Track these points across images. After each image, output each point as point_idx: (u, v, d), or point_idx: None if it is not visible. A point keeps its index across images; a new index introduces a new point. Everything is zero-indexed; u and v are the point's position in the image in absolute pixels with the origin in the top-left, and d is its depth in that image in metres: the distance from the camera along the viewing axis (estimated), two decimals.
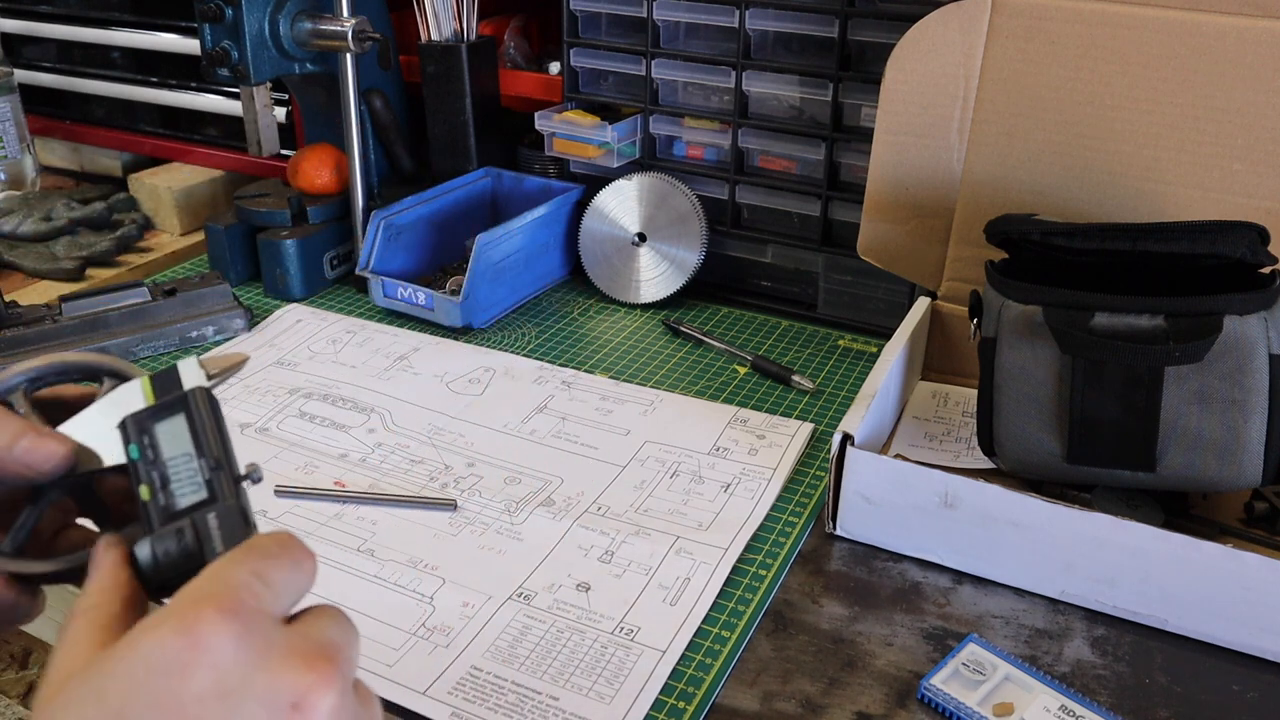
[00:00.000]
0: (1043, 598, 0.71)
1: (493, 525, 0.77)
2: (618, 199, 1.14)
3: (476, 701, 0.61)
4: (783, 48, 1.07)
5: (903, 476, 0.72)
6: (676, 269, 1.12)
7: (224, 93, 1.35)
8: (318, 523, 0.77)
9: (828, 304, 1.11)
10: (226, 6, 1.01)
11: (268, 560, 0.36)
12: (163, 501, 0.38)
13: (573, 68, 1.16)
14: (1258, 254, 0.71)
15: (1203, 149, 0.81)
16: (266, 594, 0.35)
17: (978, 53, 0.87)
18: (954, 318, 0.94)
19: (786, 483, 0.83)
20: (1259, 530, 0.75)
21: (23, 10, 1.46)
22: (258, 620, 0.34)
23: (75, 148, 1.51)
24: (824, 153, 1.05)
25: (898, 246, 0.96)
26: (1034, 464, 0.75)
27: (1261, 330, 0.68)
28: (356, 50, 1.06)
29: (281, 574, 0.36)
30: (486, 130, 1.21)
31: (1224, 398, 0.68)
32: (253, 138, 1.10)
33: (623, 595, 0.70)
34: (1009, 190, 0.89)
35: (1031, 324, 0.73)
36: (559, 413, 0.92)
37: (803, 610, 0.70)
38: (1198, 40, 0.79)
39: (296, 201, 1.14)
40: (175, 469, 0.38)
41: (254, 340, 1.04)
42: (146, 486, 0.38)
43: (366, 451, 0.86)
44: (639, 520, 0.78)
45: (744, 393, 0.96)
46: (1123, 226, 0.73)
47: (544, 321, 1.10)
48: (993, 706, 0.61)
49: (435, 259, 1.17)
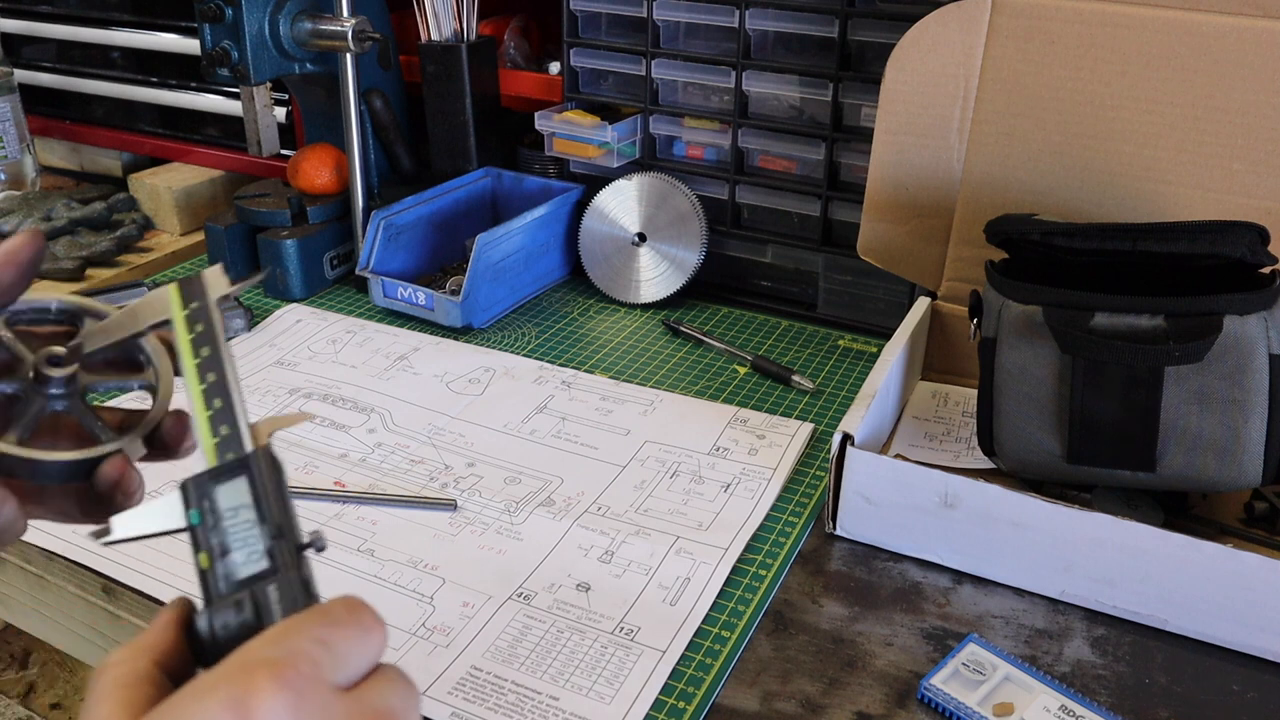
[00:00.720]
0: (1043, 598, 0.71)
1: (493, 525, 0.77)
2: (618, 199, 1.14)
3: (476, 701, 0.61)
4: (783, 48, 1.07)
5: (903, 476, 0.72)
6: (676, 269, 1.12)
7: (224, 93, 1.35)
8: (318, 523, 0.77)
9: (828, 304, 1.11)
10: (226, 6, 1.01)
11: (334, 628, 0.34)
12: (222, 571, 0.36)
13: (573, 68, 1.16)
14: (1258, 254, 0.71)
15: (1203, 149, 0.81)
16: (328, 662, 0.33)
17: (978, 53, 0.87)
18: (954, 318, 0.94)
19: (786, 483, 0.83)
20: (1259, 530, 0.75)
21: (23, 10, 1.46)
22: (315, 690, 0.32)
23: (75, 148, 1.51)
24: (824, 153, 1.05)
25: (898, 246, 0.96)
26: (1034, 464, 0.75)
27: (1261, 330, 0.68)
28: (356, 50, 1.06)
29: (347, 642, 0.34)
30: (486, 130, 1.21)
31: (1224, 398, 0.68)
32: (253, 138, 1.10)
33: (623, 595, 0.70)
34: (1009, 190, 0.89)
35: (1031, 324, 0.73)
36: (559, 413, 0.92)
37: (803, 610, 0.70)
38: (1198, 40, 0.79)
39: (296, 201, 1.14)
40: (236, 536, 0.37)
41: (254, 340, 1.04)
42: (205, 555, 0.37)
43: (366, 451, 0.86)
44: (639, 520, 0.78)
45: (744, 393, 0.96)
46: (1123, 226, 0.73)
47: (544, 321, 1.10)
48: (993, 706, 0.61)
49: (435, 259, 1.17)
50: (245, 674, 0.31)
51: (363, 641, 0.35)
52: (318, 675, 0.32)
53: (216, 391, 0.40)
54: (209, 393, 0.40)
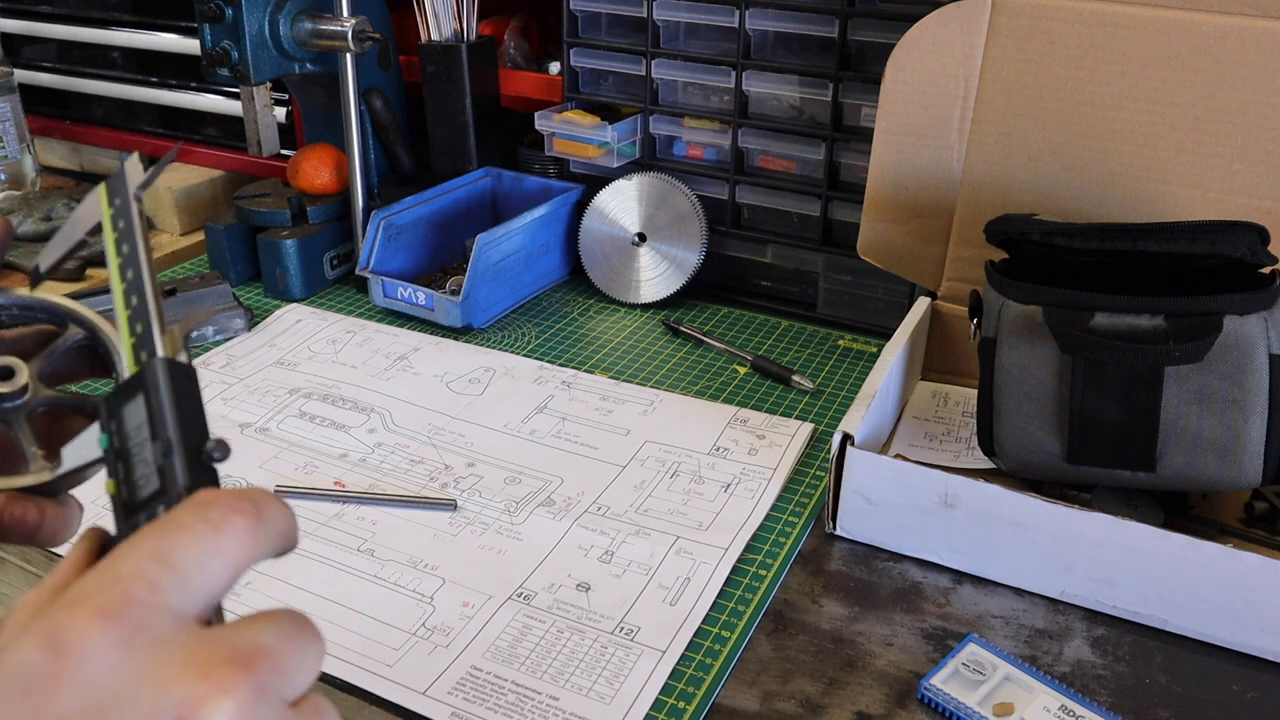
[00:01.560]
0: (1043, 598, 0.71)
1: (493, 525, 0.77)
2: (618, 199, 1.14)
3: (476, 701, 0.61)
4: (783, 48, 1.07)
5: (903, 476, 0.72)
6: (676, 269, 1.12)
7: (224, 93, 1.35)
8: (318, 523, 0.77)
9: (828, 304, 1.11)
10: (226, 6, 1.01)
11: (176, 535, 0.29)
12: (126, 495, 0.34)
13: (573, 68, 1.16)
14: (1258, 254, 0.71)
15: (1203, 149, 0.81)
16: (167, 580, 0.28)
17: (978, 53, 0.87)
18: (954, 318, 0.94)
19: (786, 483, 0.83)
20: (1259, 530, 0.75)
21: (23, 10, 1.46)
22: (149, 620, 0.27)
23: (75, 148, 1.51)
24: (824, 153, 1.05)
25: (898, 246, 0.96)
26: (1034, 464, 0.75)
27: (1261, 330, 0.68)
28: (356, 50, 1.06)
29: (192, 551, 0.28)
30: (486, 130, 1.21)
31: (1224, 398, 0.68)
32: (253, 138, 1.10)
33: (623, 595, 0.70)
34: (1009, 190, 0.89)
35: (1031, 324, 0.72)
36: (559, 413, 0.92)
37: (803, 610, 0.70)
38: (1198, 40, 0.79)
39: (296, 201, 1.14)
40: (138, 457, 0.34)
41: (254, 340, 1.04)
42: (112, 480, 0.34)
43: (366, 451, 0.86)
44: (639, 520, 0.78)
45: (744, 393, 0.96)
46: (1123, 226, 0.73)
47: (544, 321, 1.10)
48: (993, 706, 0.61)
49: (435, 259, 1.17)
50: (65, 612, 0.27)
51: (211, 546, 0.29)
52: (154, 601, 0.27)
53: (134, 289, 0.37)
54: (128, 291, 0.37)
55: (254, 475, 0.82)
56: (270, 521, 0.31)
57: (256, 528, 0.30)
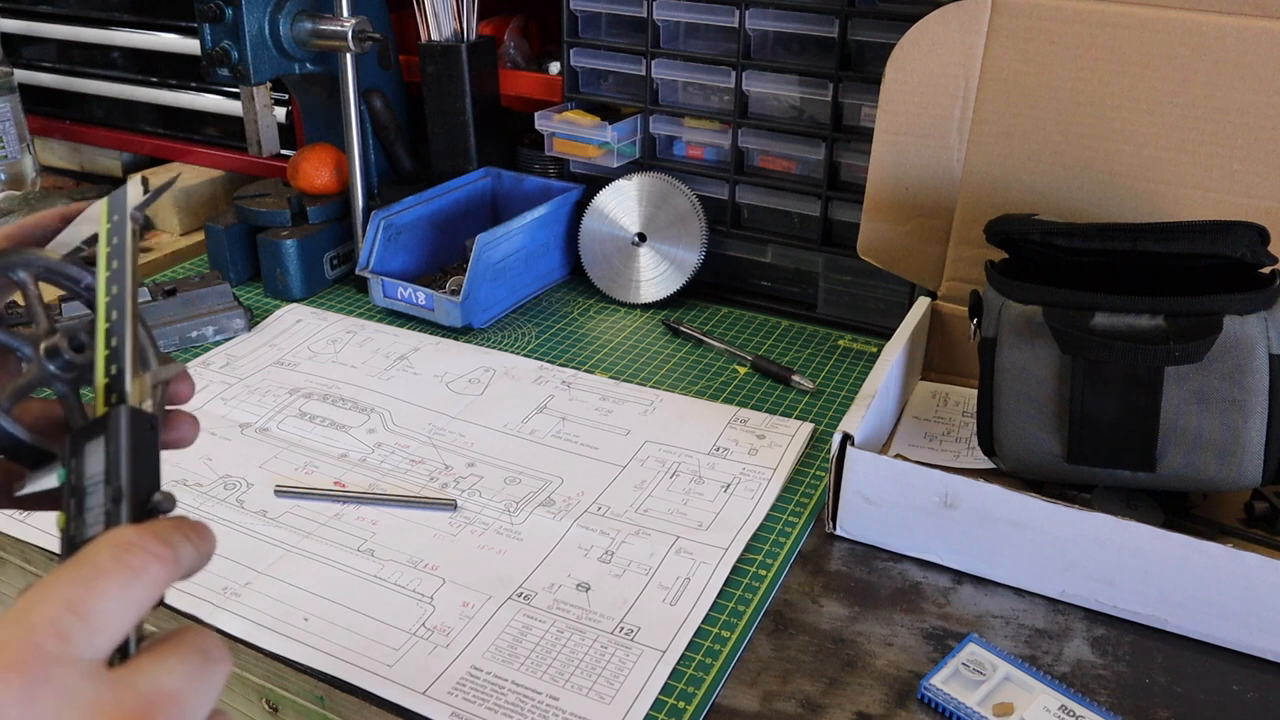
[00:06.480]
0: (1043, 598, 0.71)
1: (493, 525, 0.77)
2: (618, 199, 1.14)
3: (476, 701, 0.61)
4: (783, 48, 1.07)
5: (903, 476, 0.72)
6: (676, 269, 1.12)
7: (224, 93, 1.35)
8: (318, 523, 0.77)
9: (828, 304, 1.11)
10: (226, 6, 1.01)
11: (92, 584, 0.28)
12: (72, 532, 0.34)
13: (573, 68, 1.16)
14: (1258, 254, 0.71)
15: (1203, 149, 0.81)
16: (78, 631, 0.28)
17: (978, 53, 0.87)
18: (954, 318, 0.94)
19: (786, 483, 0.83)
20: (1259, 530, 0.75)
21: (23, 10, 1.46)
22: (55, 672, 0.27)
23: (75, 148, 1.51)
24: (824, 153, 1.05)
25: (898, 246, 0.96)
26: (1034, 464, 0.75)
27: (1261, 330, 0.68)
28: (356, 50, 1.06)
29: (107, 598, 0.28)
30: (486, 130, 1.21)
31: (1224, 398, 0.68)
32: (253, 138, 1.10)
33: (623, 595, 0.70)
34: (1009, 190, 0.89)
35: (1031, 324, 0.73)
36: (559, 413, 0.92)
37: (803, 610, 0.70)
38: (1198, 40, 0.79)
39: (296, 201, 1.14)
40: (91, 497, 0.35)
41: (254, 340, 1.04)
42: (63, 514, 0.35)
43: (366, 451, 0.86)
44: (639, 520, 0.78)
45: (744, 393, 0.96)
46: (1123, 226, 0.74)
47: (544, 321, 1.10)
48: (993, 706, 0.61)
49: (435, 259, 1.17)
50: None
51: (127, 595, 0.29)
52: (62, 652, 0.27)
53: (117, 330, 0.38)
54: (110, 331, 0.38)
55: (254, 475, 0.82)
56: (183, 561, 0.31)
57: (172, 572, 0.31)
